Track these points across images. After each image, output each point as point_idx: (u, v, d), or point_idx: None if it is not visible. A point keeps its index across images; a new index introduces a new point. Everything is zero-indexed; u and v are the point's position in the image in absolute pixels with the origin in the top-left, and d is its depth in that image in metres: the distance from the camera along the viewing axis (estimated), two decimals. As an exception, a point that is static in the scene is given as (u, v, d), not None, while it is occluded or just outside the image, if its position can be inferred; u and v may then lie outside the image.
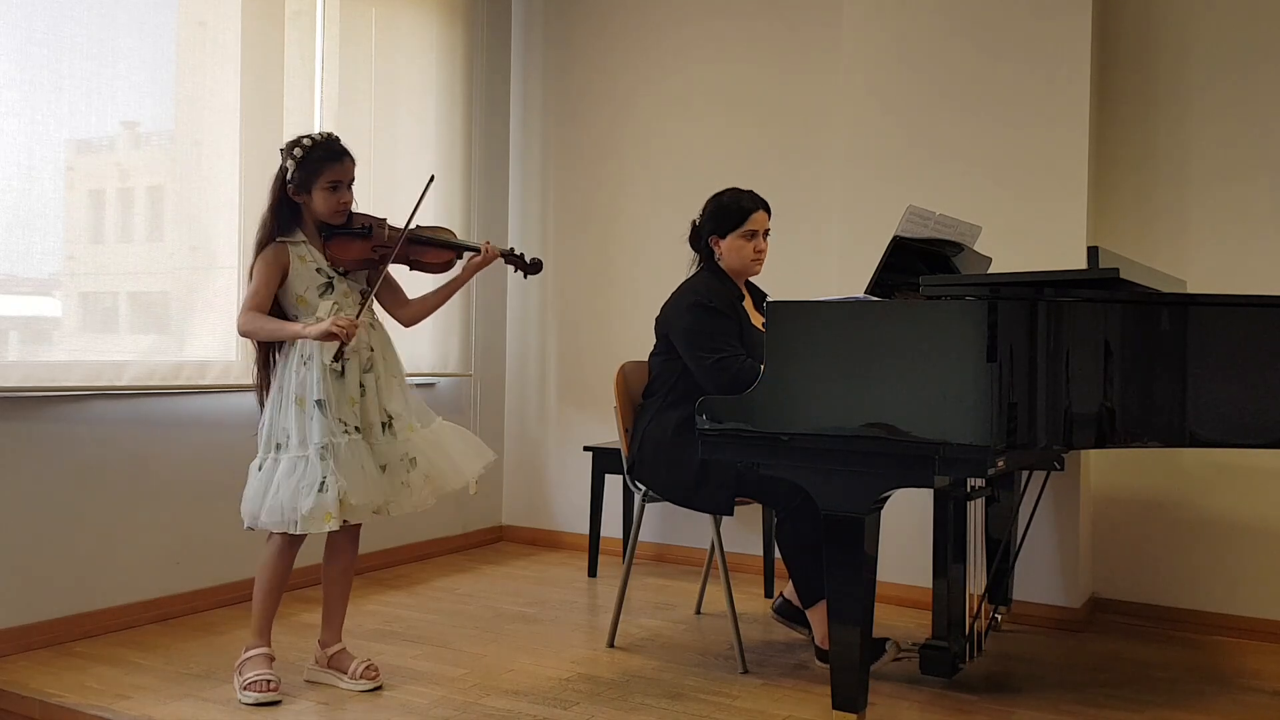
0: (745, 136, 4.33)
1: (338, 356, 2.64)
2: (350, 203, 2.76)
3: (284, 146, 2.74)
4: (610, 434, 4.35)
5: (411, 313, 2.93)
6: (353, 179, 2.76)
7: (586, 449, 4.22)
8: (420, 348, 4.36)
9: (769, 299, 2.47)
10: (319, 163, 2.69)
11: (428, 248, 2.86)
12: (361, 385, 2.71)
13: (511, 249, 2.98)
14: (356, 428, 2.67)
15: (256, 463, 2.69)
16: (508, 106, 4.90)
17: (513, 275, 3.02)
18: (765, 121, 4.29)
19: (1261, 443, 2.35)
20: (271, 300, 2.70)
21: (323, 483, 2.56)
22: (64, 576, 3.13)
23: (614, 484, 4.23)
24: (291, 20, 3.79)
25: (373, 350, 2.75)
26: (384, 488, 2.68)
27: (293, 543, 2.71)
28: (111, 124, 3.29)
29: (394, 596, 3.76)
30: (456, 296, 2.99)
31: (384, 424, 2.73)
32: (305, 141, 2.71)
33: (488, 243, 2.90)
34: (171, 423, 3.43)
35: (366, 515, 2.67)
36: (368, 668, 2.75)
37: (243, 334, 2.73)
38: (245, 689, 2.62)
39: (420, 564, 4.31)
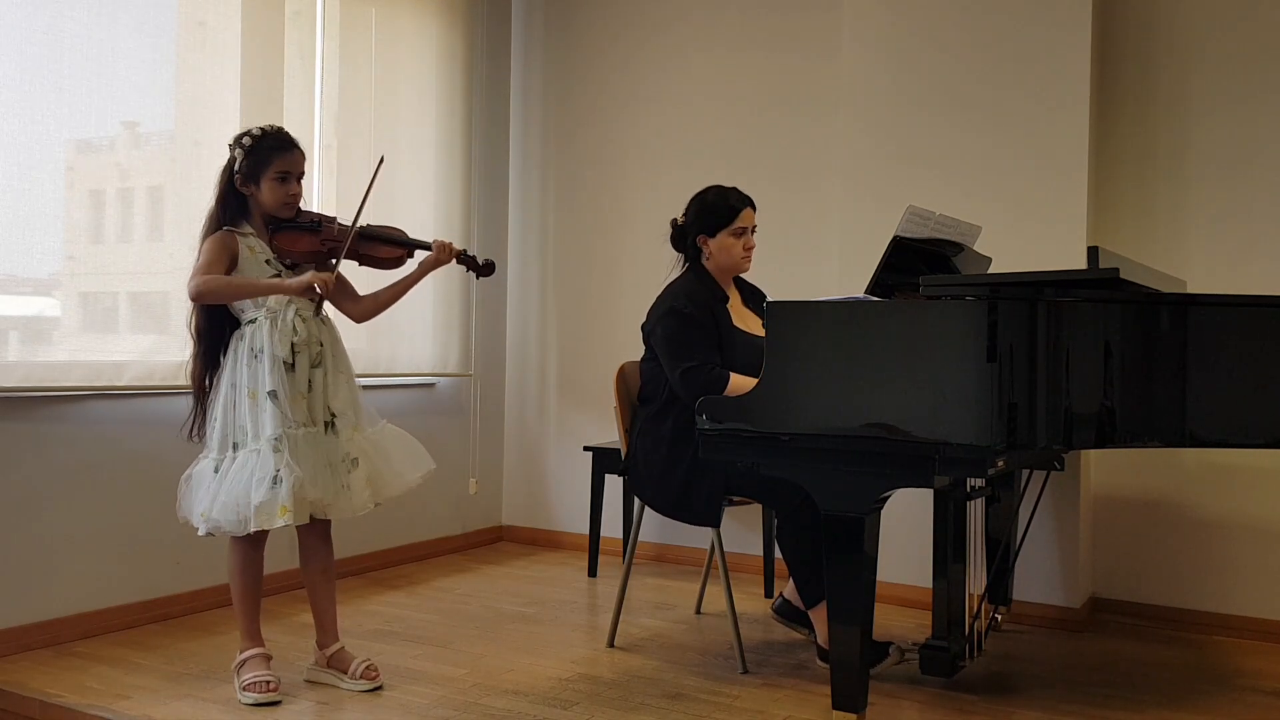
0: (746, 134, 4.33)
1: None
2: (299, 196, 2.73)
3: (232, 139, 2.71)
4: (610, 434, 4.35)
5: (363, 309, 2.87)
6: (302, 172, 2.73)
7: (586, 449, 4.22)
8: (420, 348, 4.36)
9: (769, 300, 2.47)
10: (268, 152, 2.67)
11: (378, 243, 2.80)
12: (309, 381, 2.68)
13: (464, 250, 2.88)
14: (303, 424, 2.64)
15: (209, 465, 2.63)
16: (507, 106, 4.90)
17: (468, 276, 2.95)
18: (766, 118, 4.29)
19: (1261, 443, 2.35)
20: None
21: (276, 475, 2.53)
22: (64, 576, 3.14)
23: (614, 484, 4.23)
24: (291, 20, 3.79)
25: (322, 345, 2.71)
26: (329, 487, 2.65)
27: (255, 544, 2.68)
28: (111, 124, 3.29)
29: (394, 596, 3.76)
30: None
31: (327, 423, 2.70)
32: (255, 131, 2.69)
33: (439, 240, 2.83)
34: (171, 423, 3.40)
35: (307, 515, 2.62)
36: (368, 668, 2.75)
37: (199, 295, 2.59)
38: (245, 689, 2.62)
39: (420, 564, 4.31)
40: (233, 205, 2.70)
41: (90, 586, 3.20)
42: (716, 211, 3.04)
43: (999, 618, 3.43)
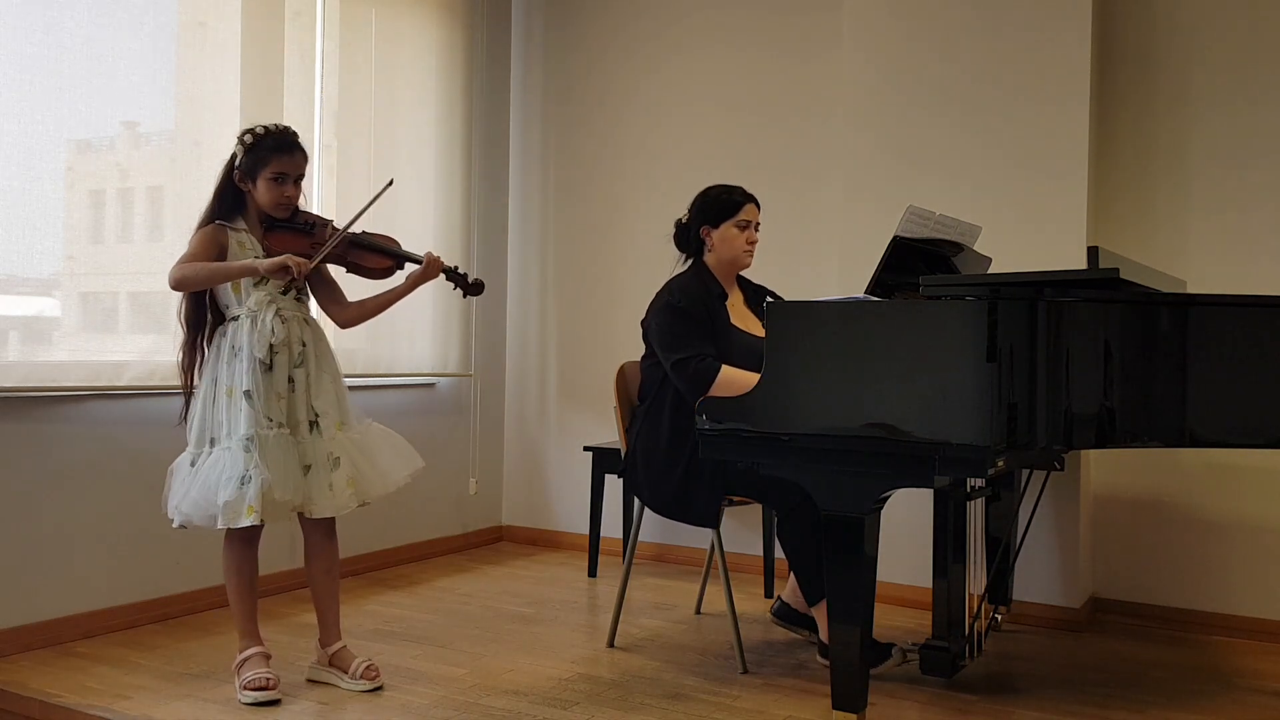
0: (746, 134, 4.33)
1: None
2: (295, 197, 2.73)
3: (239, 133, 2.72)
4: (610, 434, 4.35)
5: (349, 315, 2.88)
6: (301, 174, 2.74)
7: (586, 449, 4.22)
8: (420, 348, 4.36)
9: (769, 299, 2.47)
10: (268, 152, 2.68)
11: (367, 252, 2.80)
12: (291, 380, 2.67)
13: (455, 267, 2.87)
14: (281, 424, 2.63)
15: (187, 458, 2.65)
16: (507, 106, 4.90)
17: (454, 291, 2.94)
18: (766, 119, 4.29)
19: (1261, 443, 2.35)
20: None
21: (245, 475, 2.53)
22: (64, 576, 3.13)
23: (614, 484, 4.23)
24: (291, 20, 3.79)
25: (305, 345, 2.70)
26: (305, 487, 2.64)
27: (247, 539, 2.68)
28: (111, 124, 3.29)
29: (394, 596, 3.76)
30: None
31: (311, 422, 2.69)
32: (258, 130, 2.70)
33: (430, 253, 2.83)
34: (171, 423, 3.41)
35: (286, 514, 2.63)
36: (368, 668, 2.75)
37: (179, 283, 2.60)
38: (244, 689, 2.62)
39: (420, 564, 4.31)
40: (229, 200, 2.72)
41: (90, 586, 3.20)
42: (720, 204, 3.07)
43: (999, 618, 3.43)
